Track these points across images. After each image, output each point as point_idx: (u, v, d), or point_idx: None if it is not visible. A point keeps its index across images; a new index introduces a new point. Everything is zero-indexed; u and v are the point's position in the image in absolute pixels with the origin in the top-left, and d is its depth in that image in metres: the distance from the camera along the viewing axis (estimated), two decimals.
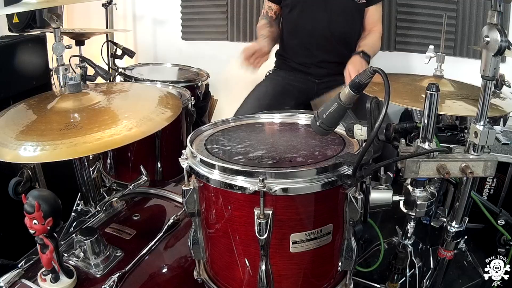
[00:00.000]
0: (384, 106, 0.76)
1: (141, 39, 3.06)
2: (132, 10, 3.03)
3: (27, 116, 1.12)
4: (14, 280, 0.97)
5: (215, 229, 0.96)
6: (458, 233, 1.01)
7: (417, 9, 2.28)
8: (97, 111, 1.09)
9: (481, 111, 0.85)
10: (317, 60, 1.85)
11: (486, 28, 0.79)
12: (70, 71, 1.27)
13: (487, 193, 1.68)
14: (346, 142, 1.04)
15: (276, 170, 0.87)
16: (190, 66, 2.41)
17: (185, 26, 2.88)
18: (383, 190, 0.97)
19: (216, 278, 1.03)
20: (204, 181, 0.91)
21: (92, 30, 2.42)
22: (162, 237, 1.16)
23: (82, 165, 1.24)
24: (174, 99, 1.22)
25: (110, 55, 2.51)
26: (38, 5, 1.17)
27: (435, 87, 0.82)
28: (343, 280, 1.03)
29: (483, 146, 0.86)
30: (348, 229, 0.94)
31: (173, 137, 1.80)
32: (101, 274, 1.00)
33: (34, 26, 2.12)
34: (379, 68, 0.80)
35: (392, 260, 1.17)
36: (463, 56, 2.24)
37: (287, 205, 0.87)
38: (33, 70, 1.77)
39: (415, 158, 0.85)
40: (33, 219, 0.87)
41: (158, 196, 1.38)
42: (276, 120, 1.22)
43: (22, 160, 1.03)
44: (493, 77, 0.82)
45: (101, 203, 1.27)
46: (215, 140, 1.06)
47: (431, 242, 1.33)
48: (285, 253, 0.90)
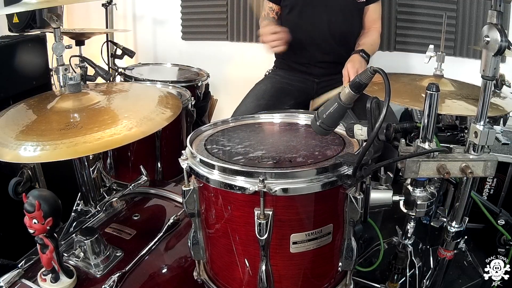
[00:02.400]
0: (384, 106, 0.76)
1: (141, 39, 3.06)
2: (132, 10, 3.03)
3: (27, 116, 1.12)
4: (14, 280, 0.97)
5: (215, 230, 0.96)
6: (458, 233, 1.01)
7: (417, 9, 2.28)
8: (97, 111, 1.09)
9: (481, 111, 0.85)
10: (316, 60, 1.85)
11: (486, 28, 0.79)
12: (70, 71, 1.27)
13: (487, 193, 1.68)
14: (346, 142, 1.04)
15: (276, 170, 0.87)
16: (190, 66, 2.41)
17: (185, 26, 2.88)
18: (383, 190, 0.97)
19: (216, 278, 1.03)
20: (204, 182, 0.91)
21: (92, 30, 2.41)
22: (162, 237, 1.16)
23: (82, 165, 1.24)
24: (174, 99, 1.22)
25: (110, 55, 2.51)
26: (38, 5, 1.17)
27: (435, 87, 0.82)
28: (343, 280, 1.03)
29: (483, 146, 0.86)
30: (348, 229, 0.94)
31: (173, 137, 1.80)
32: (101, 274, 1.00)
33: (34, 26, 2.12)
34: (380, 68, 0.80)
35: (392, 260, 1.18)
36: (463, 56, 2.24)
37: (287, 205, 0.87)
38: (33, 70, 1.77)
39: (415, 158, 0.85)
40: (33, 219, 0.87)
41: (158, 196, 1.38)
42: (276, 120, 1.22)
43: (22, 160, 1.03)
44: (493, 77, 0.82)
45: (101, 203, 1.27)
46: (215, 140, 1.06)
47: (431, 242, 1.33)
48: (285, 253, 0.90)
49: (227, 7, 2.70)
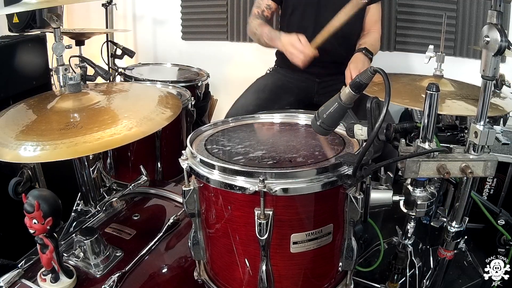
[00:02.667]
0: (384, 106, 0.76)
1: (141, 39, 3.06)
2: (132, 10, 3.03)
3: (27, 116, 1.12)
4: (14, 280, 0.97)
5: (215, 230, 0.96)
6: (458, 233, 1.01)
7: (417, 9, 2.28)
8: (97, 111, 1.09)
9: (481, 111, 0.85)
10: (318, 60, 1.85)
11: (486, 28, 0.79)
12: (70, 71, 1.27)
13: (487, 193, 1.68)
14: (346, 142, 1.04)
15: (276, 170, 0.87)
16: (190, 66, 2.41)
17: (185, 26, 2.88)
18: (383, 190, 0.97)
19: (216, 278, 1.03)
20: (204, 182, 0.91)
21: (92, 30, 2.42)
22: (162, 237, 1.16)
23: (82, 165, 1.24)
24: (174, 99, 1.22)
25: (110, 55, 2.51)
26: (38, 5, 1.17)
27: (435, 87, 0.82)
28: (344, 280, 1.03)
29: (483, 146, 0.86)
30: (349, 229, 0.94)
31: (173, 137, 1.80)
32: (101, 274, 1.00)
33: (34, 26, 2.12)
34: (380, 68, 0.80)
35: (392, 260, 1.18)
36: (463, 56, 2.24)
37: (288, 205, 0.87)
38: (33, 70, 1.77)
39: (415, 158, 0.85)
40: (33, 219, 0.87)
41: (158, 196, 1.38)
42: (276, 120, 1.22)
43: (22, 160, 1.03)
44: (493, 77, 0.82)
45: (101, 203, 1.27)
46: (215, 140, 1.06)
47: (431, 242, 1.33)
48: (285, 253, 0.90)
49: (227, 7, 2.70)
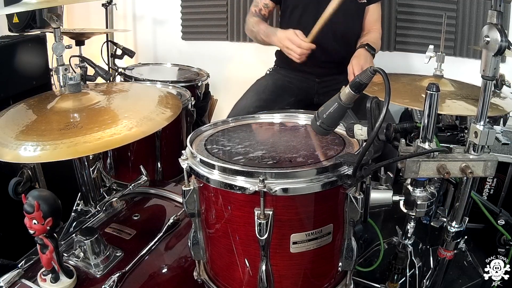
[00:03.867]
0: (384, 106, 0.76)
1: (141, 39, 3.06)
2: (132, 10, 3.03)
3: (27, 116, 1.12)
4: (14, 280, 0.97)
5: (215, 230, 0.96)
6: (458, 233, 1.01)
7: (417, 9, 2.28)
8: (97, 111, 1.09)
9: (481, 111, 0.85)
10: (318, 60, 1.85)
11: (486, 28, 0.79)
12: (70, 71, 1.26)
13: (487, 193, 1.68)
14: (346, 142, 1.03)
15: (276, 170, 0.87)
16: (190, 66, 2.41)
17: (185, 26, 2.88)
18: (383, 190, 0.97)
19: (216, 278, 1.03)
20: (204, 182, 0.91)
21: (92, 30, 2.42)
22: (162, 237, 1.16)
23: (82, 165, 1.24)
24: (174, 99, 1.22)
25: (110, 55, 2.51)
26: (38, 5, 1.17)
27: (435, 87, 0.82)
28: (343, 280, 1.03)
29: (483, 146, 0.86)
30: (348, 229, 0.94)
31: (173, 137, 1.80)
32: (101, 274, 1.00)
33: (34, 26, 2.12)
34: (380, 68, 0.80)
35: (392, 260, 1.17)
36: (463, 56, 2.24)
37: (287, 205, 0.87)
38: (33, 70, 1.77)
39: (415, 158, 0.85)
40: (32, 219, 0.87)
41: (158, 196, 1.38)
42: (276, 120, 1.22)
43: (22, 160, 1.03)
44: (493, 77, 0.82)
45: (101, 203, 1.27)
46: (215, 140, 1.06)
47: (431, 242, 1.33)
48: (285, 253, 0.90)
49: (227, 7, 2.70)
